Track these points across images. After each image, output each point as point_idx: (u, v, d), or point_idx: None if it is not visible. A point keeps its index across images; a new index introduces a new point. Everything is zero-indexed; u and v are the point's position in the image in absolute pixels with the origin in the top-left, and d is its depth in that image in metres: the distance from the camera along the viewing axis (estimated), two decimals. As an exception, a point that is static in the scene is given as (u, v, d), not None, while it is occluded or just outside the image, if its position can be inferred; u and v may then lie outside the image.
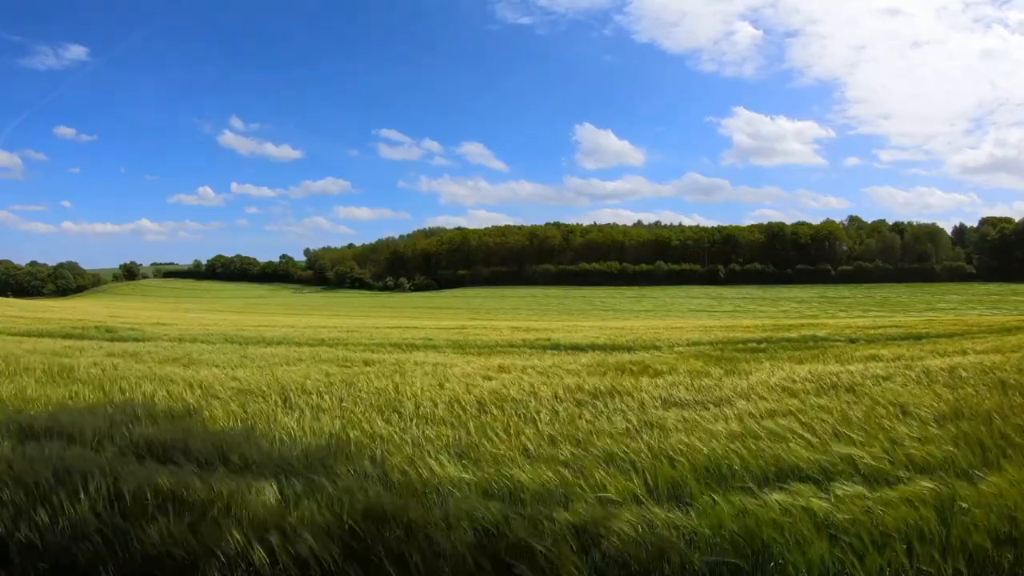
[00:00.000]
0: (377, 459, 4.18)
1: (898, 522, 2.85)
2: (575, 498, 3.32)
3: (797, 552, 2.67)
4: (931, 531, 2.79)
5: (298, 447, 4.49)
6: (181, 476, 3.56)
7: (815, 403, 5.80)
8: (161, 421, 5.35)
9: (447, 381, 7.52)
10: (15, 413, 5.67)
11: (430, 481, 3.68)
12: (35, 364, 9.47)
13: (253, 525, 2.95)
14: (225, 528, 2.89)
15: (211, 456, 4.17)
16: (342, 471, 3.85)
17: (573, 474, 3.71)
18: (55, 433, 4.73)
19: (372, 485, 3.50)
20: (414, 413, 5.70)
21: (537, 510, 3.10)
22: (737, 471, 3.78)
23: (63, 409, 5.89)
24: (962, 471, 3.65)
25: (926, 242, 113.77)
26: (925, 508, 2.96)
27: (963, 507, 2.95)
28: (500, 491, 3.56)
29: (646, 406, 5.94)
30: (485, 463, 4.06)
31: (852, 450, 4.02)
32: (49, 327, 21.21)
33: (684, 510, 3.13)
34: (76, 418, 5.19)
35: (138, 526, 3.00)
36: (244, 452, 4.21)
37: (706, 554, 2.72)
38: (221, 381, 7.68)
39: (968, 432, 4.34)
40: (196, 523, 2.98)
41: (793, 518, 2.92)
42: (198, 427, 5.16)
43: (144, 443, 4.48)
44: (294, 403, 6.24)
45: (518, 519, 2.96)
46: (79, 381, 7.86)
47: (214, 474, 3.66)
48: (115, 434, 4.74)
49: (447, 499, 3.36)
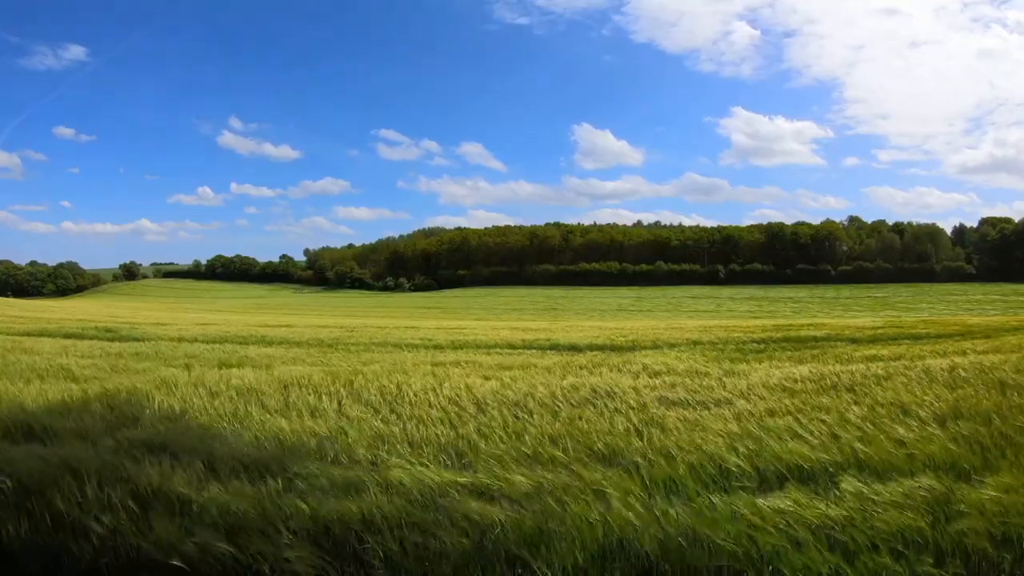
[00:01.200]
0: (376, 459, 4.17)
1: (897, 523, 2.84)
2: (572, 498, 3.30)
3: (796, 554, 2.66)
4: (929, 532, 2.78)
5: (296, 447, 4.48)
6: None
7: (815, 403, 5.80)
8: (159, 422, 5.34)
9: (446, 381, 7.51)
10: (13, 413, 5.66)
11: (427, 482, 3.67)
12: (34, 364, 9.46)
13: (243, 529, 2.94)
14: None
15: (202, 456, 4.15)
16: (337, 472, 3.83)
17: (571, 475, 3.70)
18: (53, 433, 4.72)
19: (368, 486, 3.49)
20: (412, 413, 5.69)
21: (534, 510, 3.09)
22: (736, 471, 3.78)
23: (62, 409, 5.88)
24: (962, 471, 3.64)
25: (926, 242, 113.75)
26: (924, 509, 2.95)
27: (961, 509, 2.94)
28: (498, 493, 3.55)
29: (646, 406, 5.93)
30: (483, 463, 4.05)
31: (851, 451, 4.01)
32: (49, 327, 21.20)
33: (683, 510, 3.12)
34: (76, 418, 5.18)
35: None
36: (236, 452, 4.20)
37: (704, 554, 2.71)
38: (221, 381, 7.66)
39: (967, 432, 4.33)
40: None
41: (790, 520, 2.91)
42: (196, 427, 5.15)
43: (141, 444, 4.47)
44: (293, 403, 6.23)
45: (516, 519, 2.95)
46: (78, 381, 7.86)
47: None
48: (114, 434, 4.73)
49: (443, 501, 3.35)
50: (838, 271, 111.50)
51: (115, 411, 5.62)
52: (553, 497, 3.24)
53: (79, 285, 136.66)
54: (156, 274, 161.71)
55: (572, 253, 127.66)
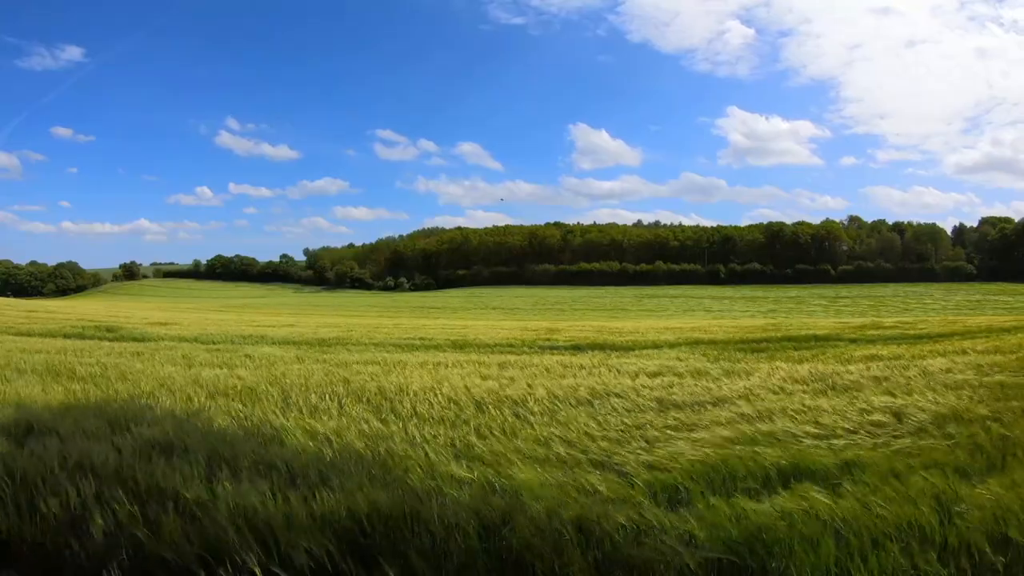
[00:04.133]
0: (376, 459, 4.18)
1: (895, 524, 2.85)
2: (569, 499, 3.31)
3: (802, 551, 2.66)
4: (930, 532, 2.79)
5: (296, 447, 4.50)
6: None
7: (815, 403, 5.80)
8: (162, 421, 5.35)
9: (446, 380, 7.52)
10: (15, 412, 5.67)
11: (425, 482, 3.68)
12: (34, 364, 9.47)
13: (254, 527, 2.95)
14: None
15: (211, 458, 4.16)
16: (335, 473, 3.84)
17: (567, 475, 3.71)
18: (54, 432, 4.73)
19: (370, 484, 3.50)
20: (412, 413, 5.70)
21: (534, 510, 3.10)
22: (735, 472, 3.78)
23: (64, 409, 5.89)
24: (962, 471, 3.65)
25: (926, 242, 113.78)
26: (923, 509, 2.96)
27: (960, 510, 2.95)
28: (498, 491, 3.56)
29: (645, 407, 5.94)
30: (481, 464, 4.05)
31: (852, 450, 4.02)
32: (49, 327, 21.19)
33: (683, 510, 3.13)
34: (77, 417, 5.19)
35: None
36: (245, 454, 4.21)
37: (703, 554, 2.72)
38: (222, 381, 7.68)
39: (967, 433, 4.34)
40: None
41: (791, 520, 2.91)
42: (198, 427, 5.16)
43: (144, 443, 4.48)
44: (294, 402, 6.24)
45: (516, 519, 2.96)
46: (79, 380, 7.87)
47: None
48: (115, 433, 4.74)
49: (444, 499, 3.36)
50: (838, 271, 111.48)
51: (115, 411, 5.62)
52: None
53: (79, 285, 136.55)
54: (156, 274, 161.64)
55: (572, 253, 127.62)
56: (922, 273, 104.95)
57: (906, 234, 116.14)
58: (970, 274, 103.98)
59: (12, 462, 3.81)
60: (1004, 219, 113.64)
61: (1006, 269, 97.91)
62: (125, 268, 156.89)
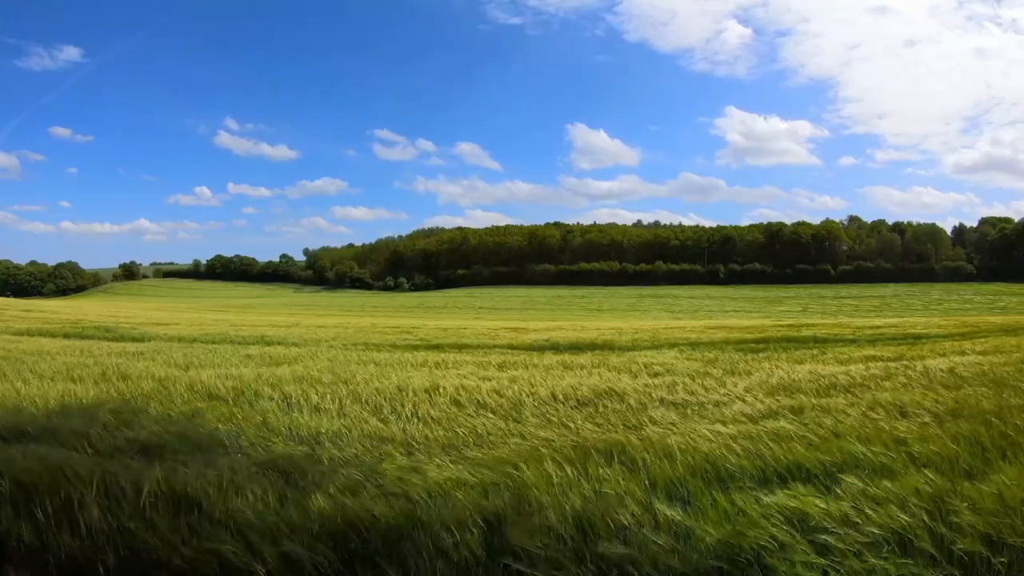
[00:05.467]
0: (375, 459, 4.17)
1: (894, 524, 2.84)
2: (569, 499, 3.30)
3: (794, 553, 2.66)
4: (926, 533, 2.78)
5: (294, 447, 4.48)
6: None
7: (815, 403, 5.79)
8: (157, 423, 5.34)
9: (446, 381, 7.51)
10: (12, 412, 5.65)
11: (425, 482, 3.66)
12: (34, 364, 9.46)
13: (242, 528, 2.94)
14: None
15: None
16: (340, 473, 3.83)
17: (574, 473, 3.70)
18: (52, 433, 4.71)
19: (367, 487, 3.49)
20: (412, 413, 5.69)
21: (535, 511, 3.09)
22: (735, 471, 3.77)
23: (61, 409, 5.88)
24: (962, 471, 3.64)
25: (926, 242, 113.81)
26: (923, 509, 2.94)
27: (958, 510, 2.94)
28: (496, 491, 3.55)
29: (646, 407, 5.93)
30: (481, 464, 4.04)
31: (851, 450, 4.00)
32: (49, 327, 21.19)
33: (683, 510, 3.12)
34: (75, 418, 5.17)
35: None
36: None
37: (703, 554, 2.71)
38: (222, 381, 7.66)
39: (967, 433, 4.33)
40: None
41: (787, 519, 2.91)
42: (198, 428, 5.14)
43: (140, 445, 4.46)
44: (294, 403, 6.23)
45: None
46: (78, 380, 7.85)
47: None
48: (113, 435, 4.72)
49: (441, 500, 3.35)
50: (838, 271, 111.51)
51: (114, 412, 5.61)
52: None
53: (79, 285, 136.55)
54: (156, 274, 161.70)
55: (572, 253, 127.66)
56: (922, 273, 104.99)
57: (906, 234, 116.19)
58: (970, 274, 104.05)
59: (8, 464, 3.78)
60: (1004, 219, 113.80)
61: (1006, 269, 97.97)
62: (125, 268, 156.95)
